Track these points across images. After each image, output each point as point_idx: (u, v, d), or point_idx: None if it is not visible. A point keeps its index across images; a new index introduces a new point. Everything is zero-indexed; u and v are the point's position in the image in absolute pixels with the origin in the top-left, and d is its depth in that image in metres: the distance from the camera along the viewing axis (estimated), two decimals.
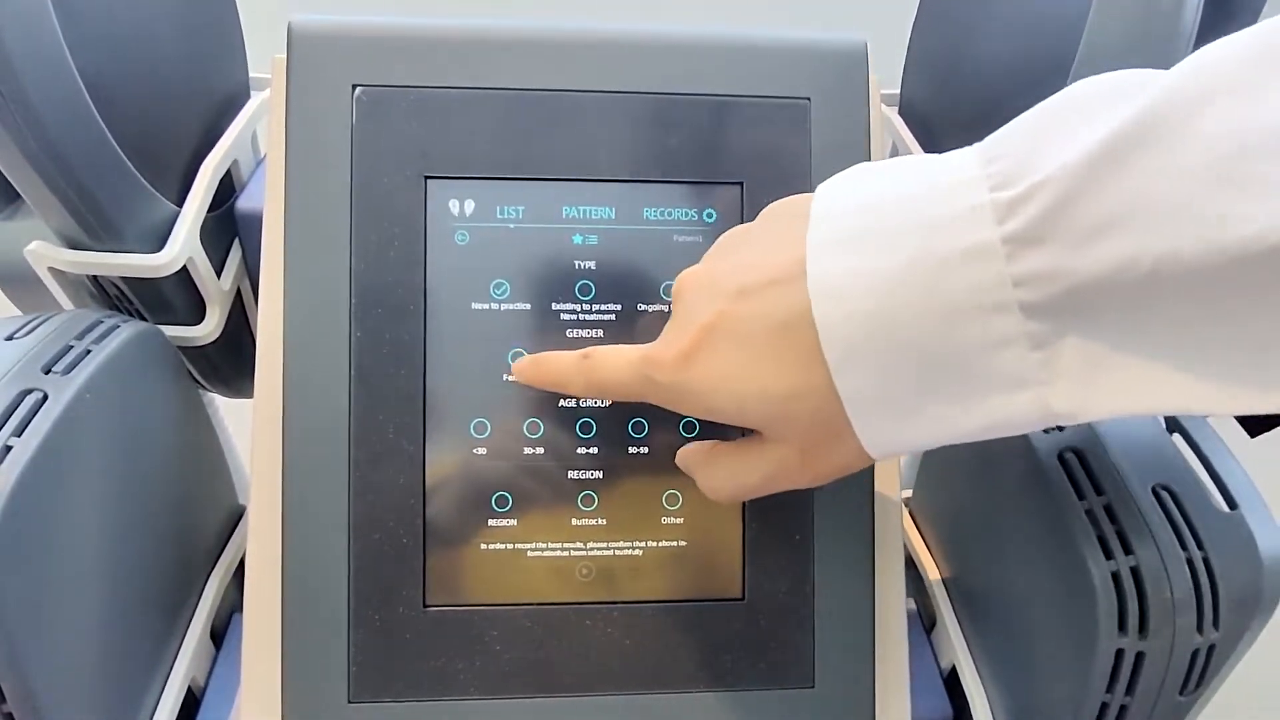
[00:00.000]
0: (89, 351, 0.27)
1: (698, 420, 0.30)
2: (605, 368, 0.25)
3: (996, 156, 0.19)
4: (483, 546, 0.29)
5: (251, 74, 0.40)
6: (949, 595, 0.36)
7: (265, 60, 0.36)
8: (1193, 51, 0.27)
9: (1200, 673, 0.26)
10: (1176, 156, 0.16)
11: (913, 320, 0.19)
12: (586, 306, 0.30)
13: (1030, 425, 0.19)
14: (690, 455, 0.27)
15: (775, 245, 0.22)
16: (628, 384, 0.24)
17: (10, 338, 0.27)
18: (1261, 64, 0.16)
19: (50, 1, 0.26)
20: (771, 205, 0.24)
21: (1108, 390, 0.18)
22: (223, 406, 0.41)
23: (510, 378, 0.29)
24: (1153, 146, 0.17)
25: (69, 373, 0.26)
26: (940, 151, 0.36)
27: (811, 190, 0.30)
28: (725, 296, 0.22)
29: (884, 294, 0.19)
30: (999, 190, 0.18)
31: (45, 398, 0.25)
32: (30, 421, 0.24)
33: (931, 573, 0.37)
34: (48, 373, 0.26)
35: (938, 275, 0.18)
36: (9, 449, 0.23)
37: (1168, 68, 0.27)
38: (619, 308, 0.30)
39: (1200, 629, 0.26)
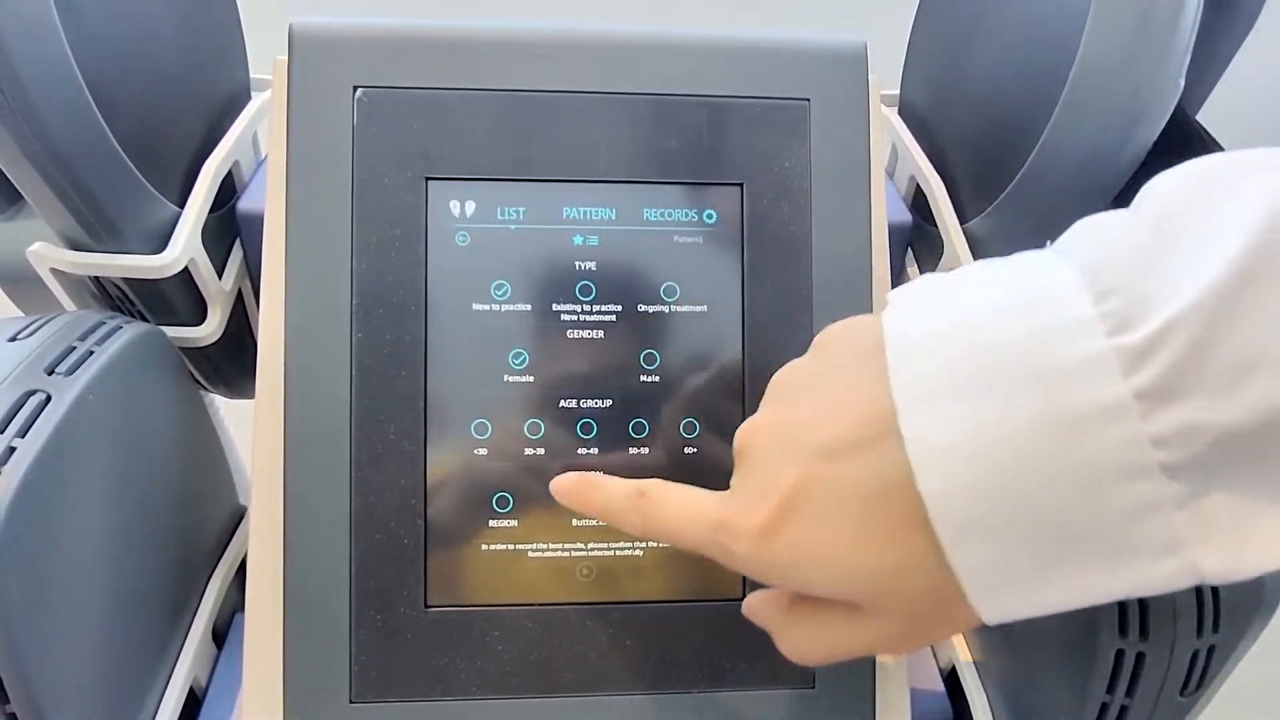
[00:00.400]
0: (92, 353, 0.27)
1: (698, 421, 0.30)
2: (669, 516, 0.22)
3: (1108, 290, 0.16)
4: (484, 547, 0.29)
5: (252, 75, 0.40)
6: None
7: (265, 61, 0.36)
8: (1190, 57, 0.27)
9: (1200, 674, 0.26)
10: None
11: (1038, 491, 0.16)
12: (587, 307, 0.30)
13: (1178, 586, 0.17)
14: (764, 611, 0.23)
15: (852, 391, 0.19)
16: (696, 543, 0.22)
17: (13, 339, 0.27)
18: None
19: (54, 4, 0.26)
20: (827, 332, 0.21)
21: (1261, 544, 0.16)
22: (223, 407, 0.41)
23: (510, 378, 0.30)
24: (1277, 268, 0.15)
25: (72, 374, 0.26)
26: (938, 149, 0.36)
27: (810, 191, 0.31)
28: (807, 457, 0.19)
29: (1000, 462, 0.16)
30: (1120, 335, 0.16)
31: (49, 399, 0.25)
32: (34, 422, 0.24)
33: None
34: (51, 374, 0.26)
35: (1063, 440, 0.16)
36: (13, 450, 0.23)
37: (1167, 72, 0.27)
38: (619, 308, 0.30)
39: (1200, 631, 0.26)
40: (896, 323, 0.19)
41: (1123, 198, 0.31)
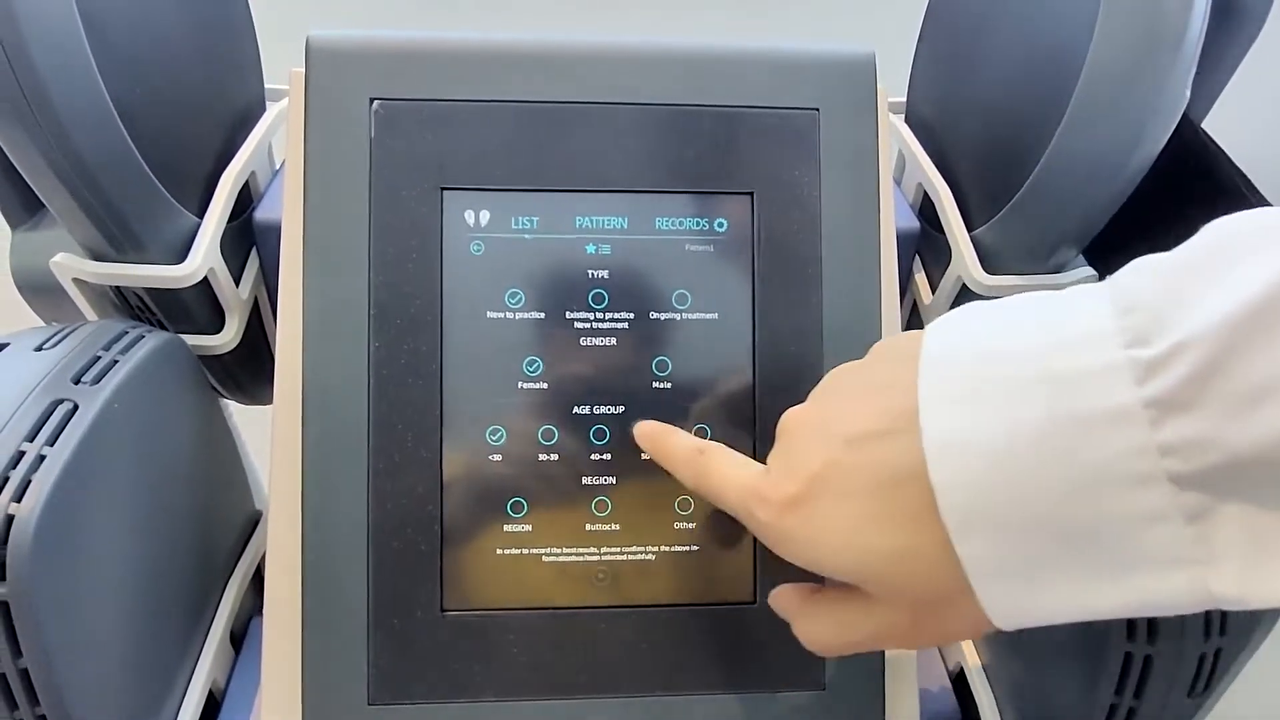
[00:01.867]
0: (116, 362, 0.28)
1: (709, 427, 0.31)
2: (715, 475, 0.24)
3: (1132, 306, 0.17)
4: (499, 551, 0.30)
5: (267, 85, 0.40)
6: None
7: (279, 71, 0.36)
8: (1196, 66, 0.28)
9: (1208, 676, 0.27)
10: None
11: (1043, 488, 0.17)
12: (600, 315, 0.31)
13: (1189, 607, 0.17)
14: (787, 599, 0.25)
15: (885, 390, 0.20)
16: (732, 504, 0.24)
17: (40, 348, 0.27)
18: None
19: (80, 24, 0.27)
20: (880, 343, 0.23)
21: (1278, 572, 0.16)
22: (237, 412, 0.42)
23: (524, 385, 0.30)
24: None
25: (98, 383, 0.27)
26: (945, 157, 0.37)
27: (820, 199, 0.31)
28: (834, 444, 0.21)
29: (1009, 458, 0.17)
30: (1136, 347, 0.16)
31: (76, 408, 0.25)
32: (62, 431, 0.25)
33: None
34: (77, 383, 0.26)
35: (1071, 439, 0.17)
36: (43, 458, 0.24)
37: (1173, 81, 0.27)
38: (632, 316, 0.31)
39: (1208, 633, 0.26)
40: (936, 334, 0.20)
41: (1129, 206, 0.31)
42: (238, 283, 0.35)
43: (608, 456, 0.30)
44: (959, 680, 0.36)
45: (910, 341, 0.21)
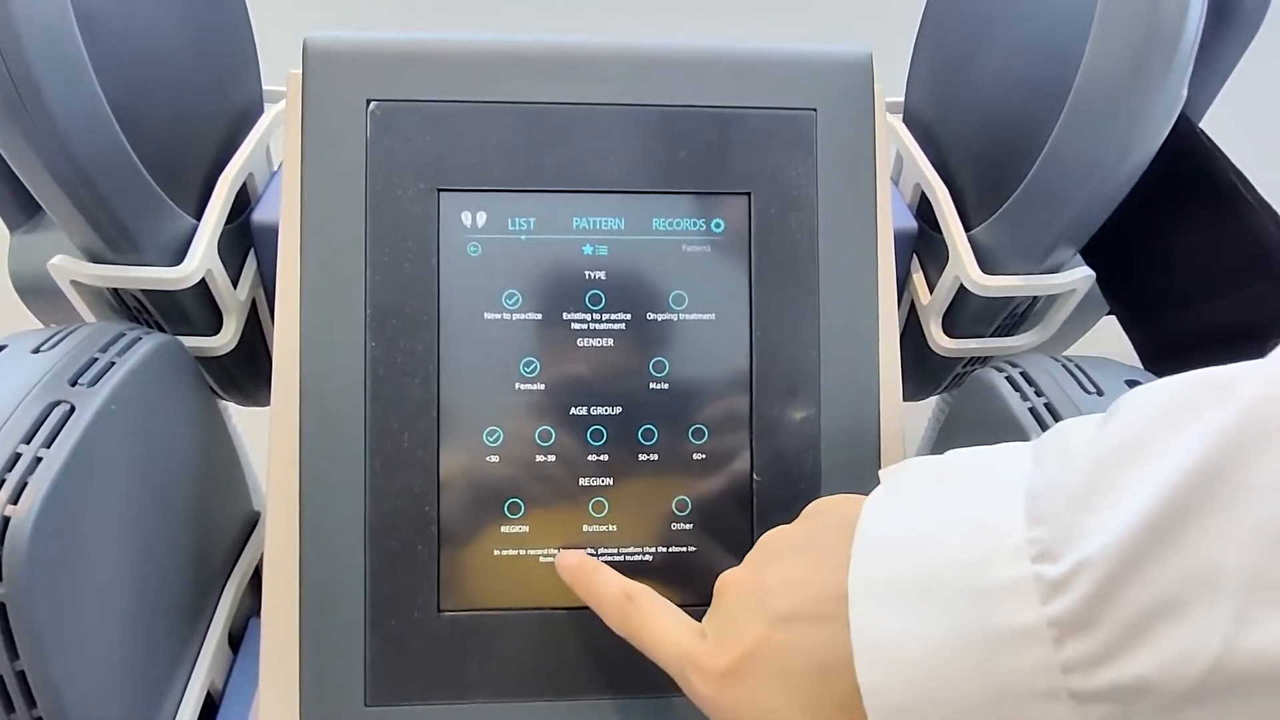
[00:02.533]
0: (113, 364, 0.28)
1: (706, 427, 0.31)
2: (648, 630, 0.25)
3: (1041, 517, 0.18)
4: (496, 552, 0.30)
5: (265, 87, 0.40)
6: None
7: (277, 73, 0.36)
8: (1192, 66, 0.27)
9: None
10: (1234, 520, 0.15)
11: (961, 698, 0.18)
12: (597, 316, 0.31)
13: None
14: None
15: (819, 566, 0.21)
16: (665, 660, 0.24)
17: (37, 350, 0.27)
18: None
19: (76, 26, 0.27)
20: (818, 504, 0.24)
21: None
22: (235, 414, 0.42)
23: (522, 386, 0.30)
24: (1209, 509, 0.15)
25: (95, 384, 0.27)
26: (943, 157, 0.37)
27: (817, 199, 0.31)
28: (767, 619, 0.22)
29: (931, 668, 0.18)
30: (1041, 562, 0.17)
31: (73, 409, 0.25)
32: (59, 433, 0.25)
33: None
34: (74, 385, 0.26)
35: (985, 655, 0.17)
36: (39, 460, 0.24)
37: (1170, 82, 0.27)
38: (629, 317, 0.31)
39: None
40: (871, 517, 0.21)
41: (1126, 205, 0.31)
42: (235, 284, 0.35)
43: (605, 457, 0.30)
44: None
45: (848, 509, 0.22)
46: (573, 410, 0.30)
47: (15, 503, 0.23)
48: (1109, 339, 0.37)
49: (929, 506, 0.20)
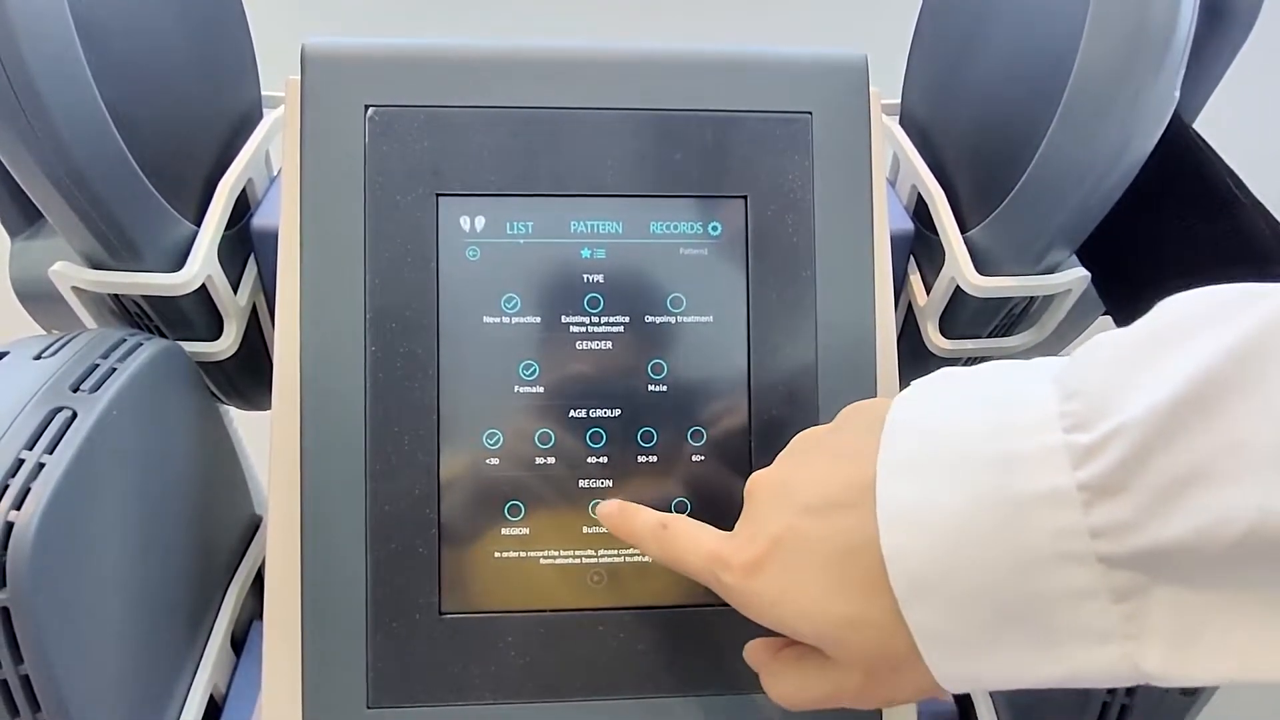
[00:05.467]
0: (114, 369, 0.28)
1: (705, 429, 0.31)
2: (679, 546, 0.25)
3: (1075, 391, 0.18)
4: (496, 554, 0.30)
5: (264, 92, 0.41)
6: None
7: (275, 78, 0.37)
8: (1185, 68, 0.28)
9: None
10: (1270, 397, 0.15)
11: (984, 563, 0.18)
12: (595, 319, 0.31)
13: (1120, 681, 0.18)
14: (756, 654, 0.26)
15: (848, 458, 0.21)
16: (697, 571, 0.24)
17: (39, 357, 0.28)
18: None
19: (75, 32, 0.27)
20: (850, 408, 0.24)
21: (1208, 652, 0.17)
22: (236, 418, 0.42)
23: (521, 389, 0.30)
24: (1247, 386, 0.15)
25: (96, 391, 0.27)
26: (939, 158, 0.37)
27: (813, 202, 0.31)
28: (794, 509, 0.22)
29: (954, 531, 0.18)
30: (1075, 432, 0.17)
31: (74, 415, 0.25)
32: (61, 439, 0.25)
33: None
34: (76, 391, 0.26)
35: (1010, 518, 0.17)
36: (41, 466, 0.24)
37: (1162, 83, 0.27)
38: (627, 319, 0.31)
39: None
40: (900, 408, 0.21)
41: (1121, 206, 0.31)
42: (236, 289, 0.36)
43: (604, 459, 0.31)
44: None
45: (877, 409, 0.22)
46: (572, 413, 0.31)
47: (18, 509, 0.23)
48: None
49: (958, 393, 0.20)
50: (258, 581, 0.38)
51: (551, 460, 0.30)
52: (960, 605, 0.18)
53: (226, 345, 0.35)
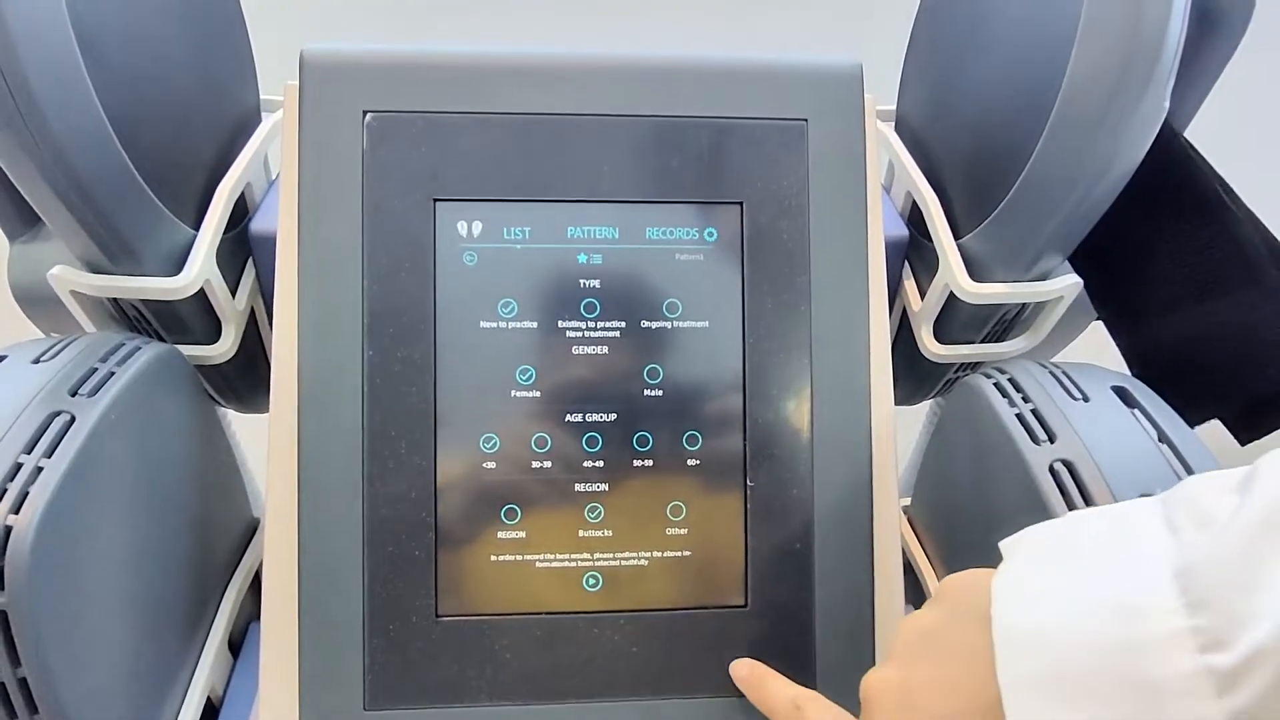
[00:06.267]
0: (113, 373, 0.28)
1: (700, 433, 0.31)
2: None
3: (1201, 602, 0.17)
4: (493, 558, 0.30)
5: (262, 96, 0.41)
6: None
7: (273, 82, 0.37)
8: (1175, 78, 0.28)
9: None
10: None
11: None
12: (592, 324, 0.31)
13: None
14: None
15: (964, 668, 0.21)
16: None
17: (37, 360, 0.28)
18: None
19: (74, 39, 0.27)
20: (948, 585, 0.23)
21: None
22: (234, 420, 0.42)
23: (518, 393, 0.30)
24: None
25: (94, 395, 0.27)
26: (933, 166, 0.37)
27: (808, 208, 0.32)
28: None
29: None
30: (1212, 652, 0.16)
31: (73, 419, 0.26)
32: (59, 443, 0.25)
33: (930, 579, 0.38)
34: (74, 395, 0.27)
35: None
36: (40, 470, 0.24)
37: (1152, 93, 0.28)
38: (623, 324, 0.31)
39: None
40: (1004, 603, 0.20)
41: (1112, 214, 0.31)
42: (234, 293, 0.36)
43: (600, 464, 0.31)
44: None
45: (982, 593, 0.21)
46: (568, 417, 0.31)
47: (17, 512, 0.23)
48: (1098, 344, 0.38)
49: (1065, 589, 0.19)
50: (255, 584, 0.39)
51: (548, 464, 0.31)
52: None
53: (224, 349, 0.36)
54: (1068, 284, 0.34)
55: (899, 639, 0.24)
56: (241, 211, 0.37)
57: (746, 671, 0.29)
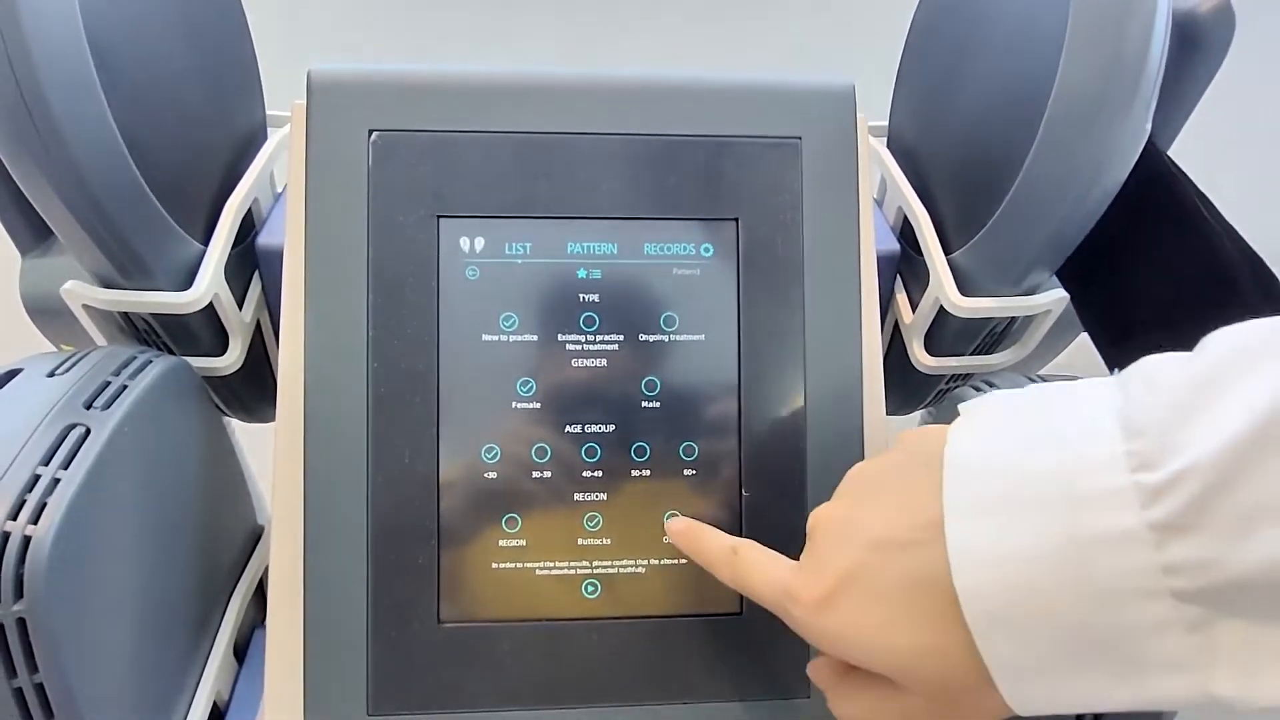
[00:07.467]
0: (125, 386, 0.29)
1: (697, 444, 0.32)
2: (750, 573, 0.26)
3: (1139, 430, 0.18)
4: (494, 565, 0.31)
5: (268, 112, 0.41)
6: None
7: (280, 98, 0.37)
8: (1158, 98, 0.29)
9: None
10: None
11: (1059, 599, 0.19)
12: (591, 337, 0.32)
13: (1192, 705, 0.19)
14: (822, 674, 0.26)
15: (911, 497, 0.22)
16: (767, 599, 0.25)
17: (52, 374, 0.29)
18: None
19: (90, 56, 0.28)
20: (906, 436, 0.24)
21: (1277, 679, 0.17)
22: (240, 430, 0.43)
23: (518, 404, 0.31)
24: None
25: (108, 407, 0.28)
26: (925, 182, 0.38)
27: (802, 224, 0.32)
28: (862, 546, 0.22)
29: (1027, 571, 0.19)
30: (1141, 472, 0.18)
31: (88, 432, 0.26)
32: (75, 455, 0.26)
33: None
34: (89, 408, 0.27)
35: (1085, 557, 0.18)
36: (57, 481, 0.25)
37: (1135, 113, 0.29)
38: (621, 338, 0.32)
39: None
40: (958, 442, 0.21)
41: (1098, 230, 0.32)
42: (241, 306, 0.36)
43: (599, 473, 0.32)
44: None
45: (934, 441, 0.22)
46: (568, 428, 0.32)
47: (35, 522, 0.24)
48: (1086, 359, 0.38)
49: (1018, 429, 0.21)
50: (260, 590, 0.39)
51: (548, 474, 0.31)
52: (1036, 639, 0.19)
53: (232, 360, 0.36)
54: (1054, 298, 0.35)
55: (849, 479, 0.25)
56: (248, 226, 0.38)
57: (683, 526, 0.29)
